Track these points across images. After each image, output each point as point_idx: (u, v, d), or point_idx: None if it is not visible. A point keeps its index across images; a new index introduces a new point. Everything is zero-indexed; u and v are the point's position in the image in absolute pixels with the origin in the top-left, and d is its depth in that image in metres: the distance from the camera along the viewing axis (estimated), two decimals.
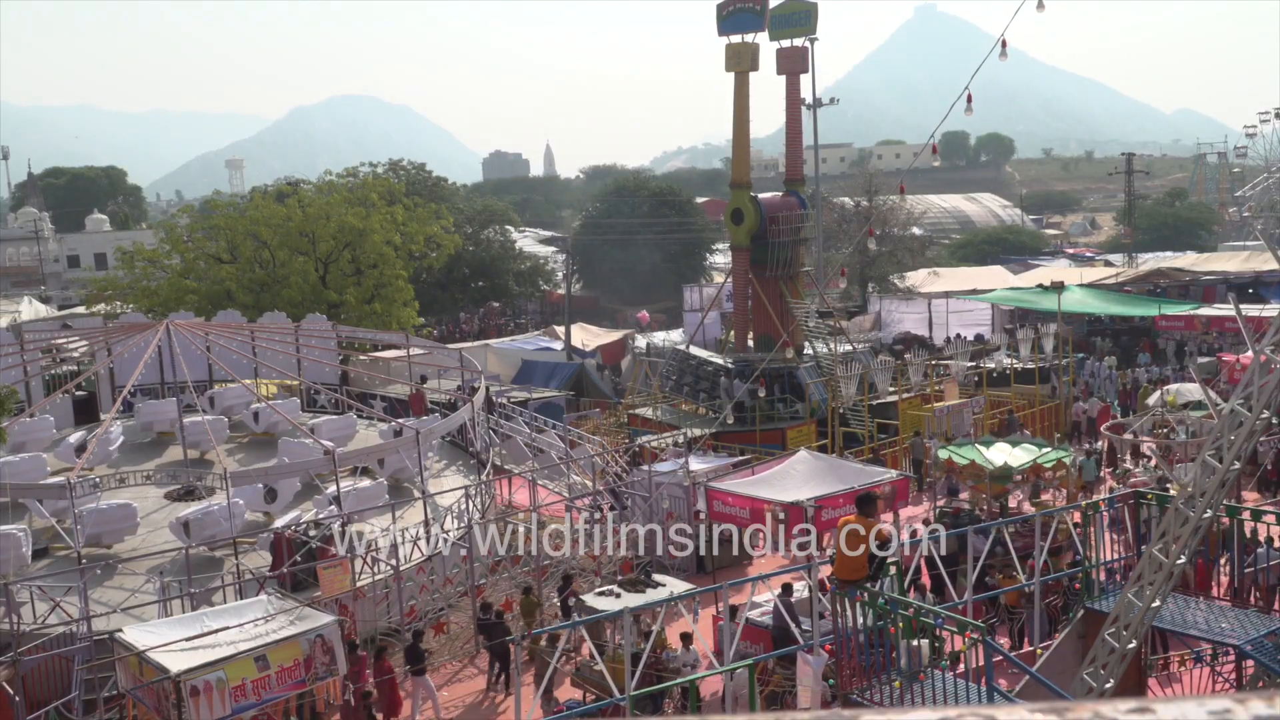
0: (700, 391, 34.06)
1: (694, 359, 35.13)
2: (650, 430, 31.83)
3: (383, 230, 42.45)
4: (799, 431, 31.14)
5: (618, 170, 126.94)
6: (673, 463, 25.38)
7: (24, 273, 73.76)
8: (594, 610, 16.24)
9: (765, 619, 17.16)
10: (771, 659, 16.13)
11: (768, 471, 23.58)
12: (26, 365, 29.48)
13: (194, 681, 13.85)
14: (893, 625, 12.36)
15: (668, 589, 16.88)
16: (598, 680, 15.83)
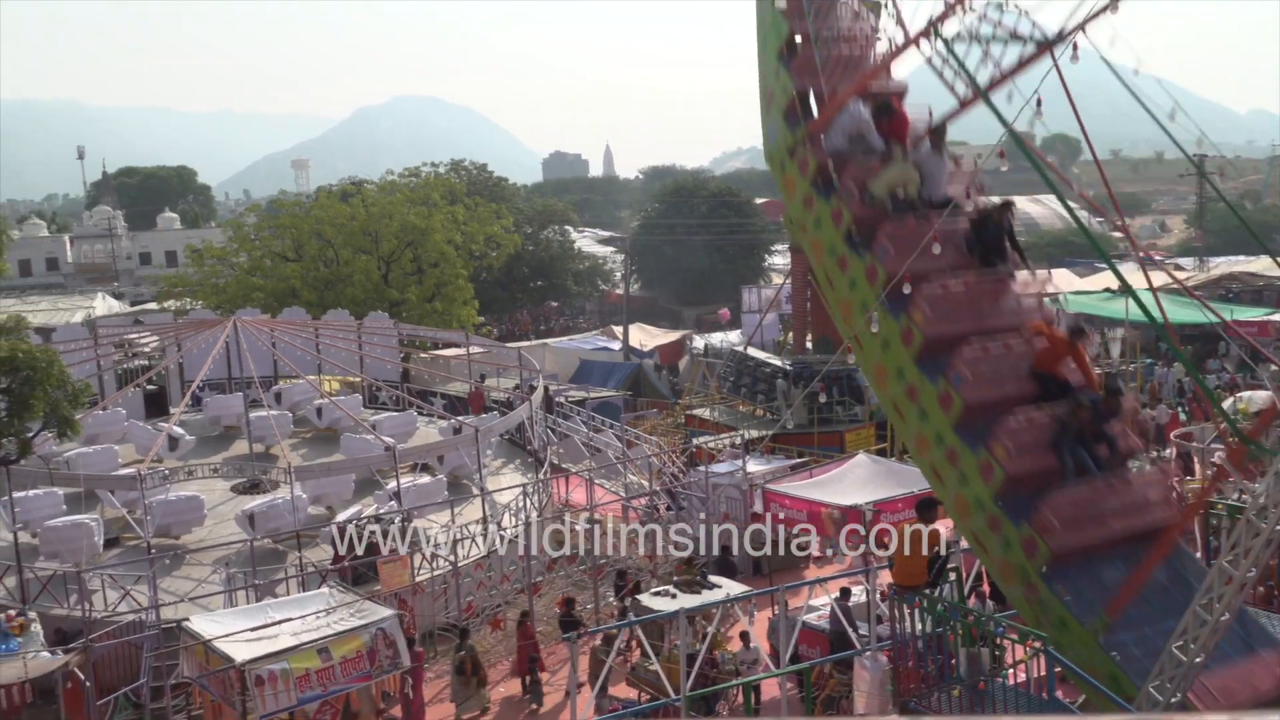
0: (758, 393, 33.95)
1: (752, 360, 35.01)
2: (707, 431, 31.80)
3: (444, 230, 42.91)
4: (858, 434, 30.90)
5: (677, 171, 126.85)
6: (730, 464, 25.33)
7: (98, 269, 75.69)
8: (649, 610, 16.27)
9: (822, 623, 17.07)
10: (828, 663, 16.05)
11: (826, 474, 23.46)
12: (100, 359, 30.26)
13: (259, 671, 14.14)
14: (952, 632, 12.23)
15: (724, 590, 16.86)
16: (653, 680, 15.87)
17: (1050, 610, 11.84)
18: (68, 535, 20.42)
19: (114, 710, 16.37)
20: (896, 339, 12.92)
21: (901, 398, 13.07)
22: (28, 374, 14.07)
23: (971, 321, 13.00)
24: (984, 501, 12.24)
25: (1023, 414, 12.46)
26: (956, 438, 12.38)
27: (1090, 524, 12.06)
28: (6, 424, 14.25)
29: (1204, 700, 10.90)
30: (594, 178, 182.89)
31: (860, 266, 13.26)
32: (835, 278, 13.85)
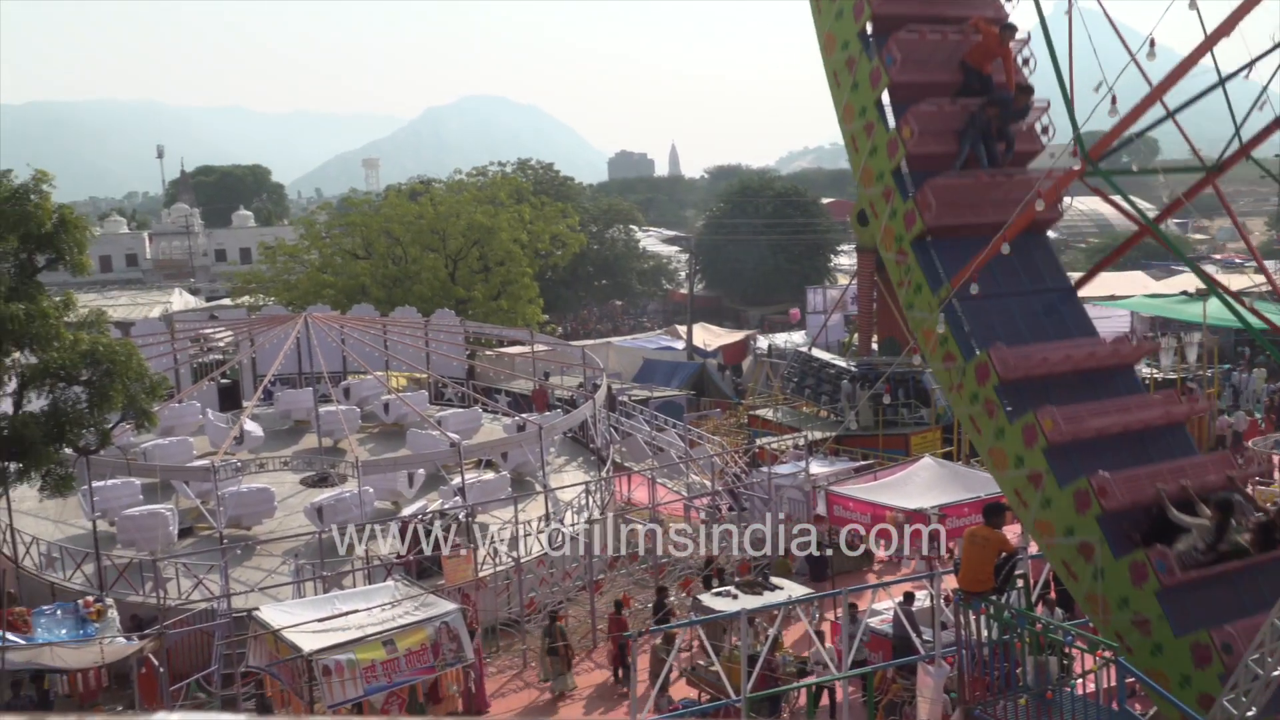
0: (822, 394, 33.70)
1: (816, 361, 34.76)
2: (770, 432, 31.66)
3: (510, 228, 43.27)
4: (923, 438, 30.52)
5: (742, 170, 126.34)
6: (793, 465, 25.19)
7: (175, 265, 77.59)
8: (711, 610, 16.25)
9: (885, 627, 16.90)
10: (891, 668, 15.88)
11: (890, 477, 23.22)
12: (176, 354, 31.05)
13: (326, 661, 14.39)
14: (1019, 639, 12.02)
15: (785, 592, 16.78)
16: (713, 681, 15.84)
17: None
18: (144, 524, 20.98)
19: (186, 696, 16.78)
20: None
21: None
22: (108, 367, 14.45)
23: None
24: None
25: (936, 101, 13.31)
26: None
27: (968, 210, 12.99)
28: (87, 415, 14.66)
29: None
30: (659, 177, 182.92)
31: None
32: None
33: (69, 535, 21.84)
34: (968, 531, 12.69)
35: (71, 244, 14.48)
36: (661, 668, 15.52)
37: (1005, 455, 12.74)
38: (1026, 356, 12.77)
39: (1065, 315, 13.80)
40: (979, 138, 13.55)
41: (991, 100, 13.60)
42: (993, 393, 12.73)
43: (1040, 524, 12.58)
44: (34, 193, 14.19)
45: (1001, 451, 12.78)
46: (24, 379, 14.66)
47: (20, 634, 16.66)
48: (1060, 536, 12.25)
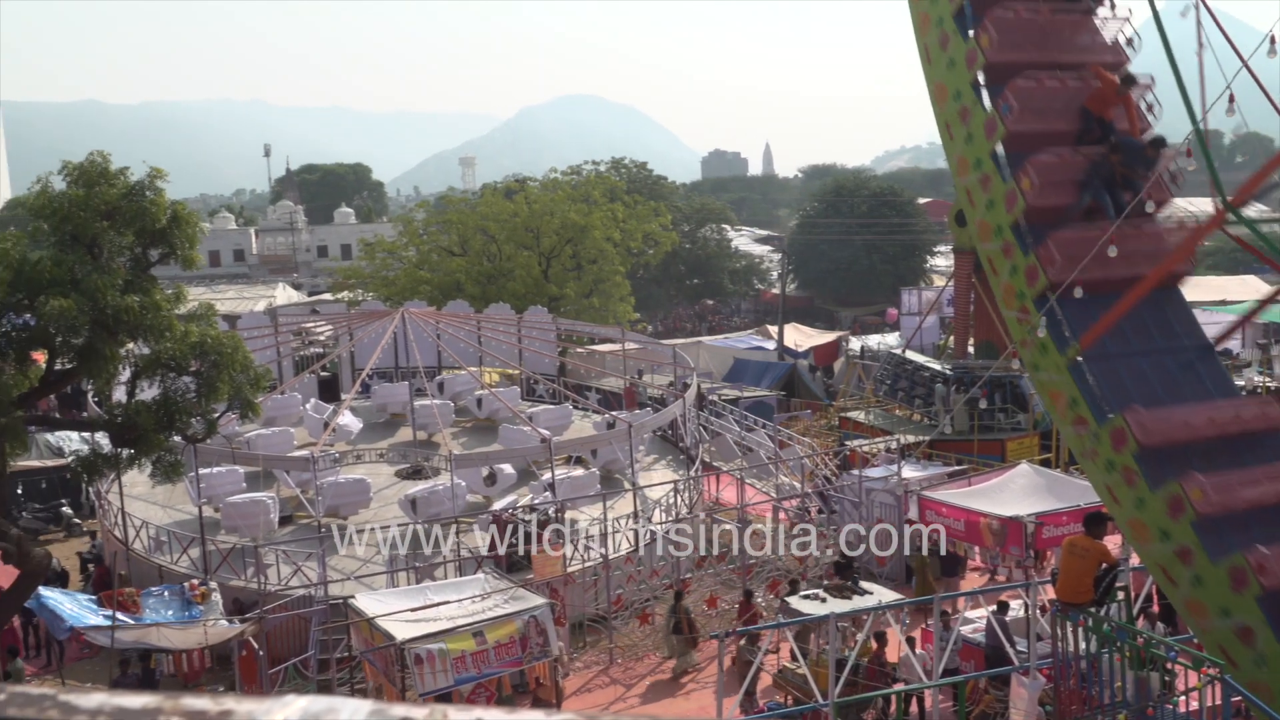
0: (915, 397, 33.14)
1: (910, 363, 34.20)
2: (862, 434, 31.25)
3: (603, 227, 43.52)
4: (1020, 444, 29.79)
5: (837, 169, 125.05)
6: (884, 469, 24.84)
7: (279, 261, 79.86)
8: (799, 613, 16.12)
9: (978, 636, 16.56)
10: (984, 678, 15.56)
11: (985, 483, 22.71)
12: (279, 346, 31.96)
13: (418, 650, 14.67)
14: (1119, 654, 11.67)
15: (875, 597, 16.56)
16: (800, 684, 15.72)
17: None
18: (247, 511, 21.66)
19: (284, 680, 17.26)
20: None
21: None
22: (215, 358, 14.94)
23: None
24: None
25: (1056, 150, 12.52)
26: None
27: (1094, 265, 12.04)
28: (195, 405, 15.17)
29: None
30: (753, 176, 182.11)
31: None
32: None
33: (176, 520, 22.67)
34: (1067, 541, 12.36)
35: (183, 239, 14.98)
36: (748, 669, 15.46)
37: (1148, 528, 11.68)
38: (1166, 420, 11.78)
39: (1203, 374, 12.65)
40: (1103, 187, 12.78)
41: (1115, 147, 12.84)
42: (1131, 460, 11.69)
43: (1191, 604, 11.59)
44: (149, 189, 14.72)
45: (1143, 524, 11.73)
46: (137, 369, 15.24)
47: (130, 614, 17.36)
48: (1216, 619, 11.27)
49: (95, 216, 14.31)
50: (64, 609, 17.16)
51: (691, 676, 18.88)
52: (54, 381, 15.20)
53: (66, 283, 13.50)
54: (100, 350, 13.97)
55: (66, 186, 14.60)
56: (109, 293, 13.58)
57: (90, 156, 14.90)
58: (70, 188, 14.52)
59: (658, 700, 18.24)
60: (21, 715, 0.61)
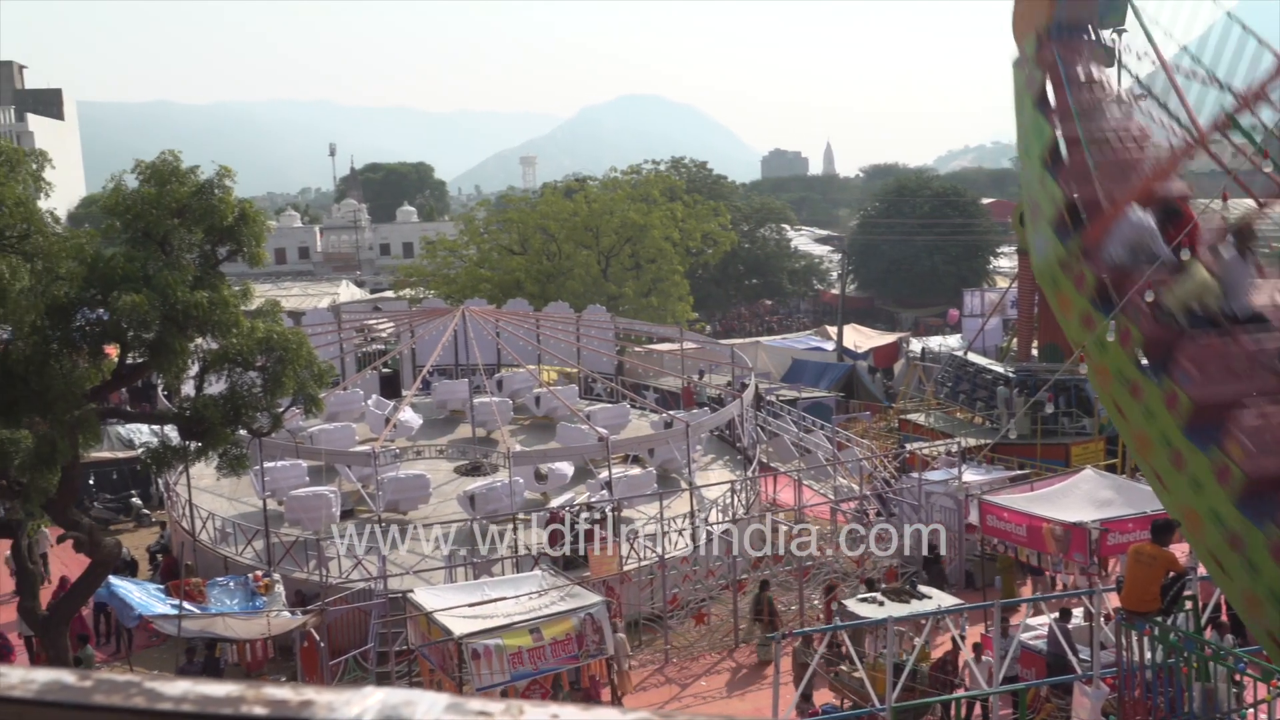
0: (977, 400, 32.69)
1: (972, 366, 33.74)
2: (922, 437, 30.91)
3: (662, 226, 43.54)
4: (1085, 448, 29.24)
5: (899, 169, 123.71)
6: (945, 472, 24.55)
7: (343, 258, 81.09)
8: (856, 616, 15.99)
9: (1039, 643, 16.29)
10: (1045, 686, 15.31)
11: (1048, 488, 22.33)
12: (342, 343, 32.45)
13: (475, 645, 14.81)
14: (1185, 664, 11.41)
15: (934, 602, 16.36)
16: (856, 688, 15.60)
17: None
18: (309, 505, 22.03)
19: (344, 671, 17.52)
20: (1209, 477, 10.80)
21: (1221, 546, 10.93)
22: (280, 354, 15.21)
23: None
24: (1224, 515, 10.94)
25: None
26: None
27: None
28: (260, 399, 15.45)
29: None
30: (813, 176, 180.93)
31: (1157, 393, 11.35)
32: (1127, 406, 11.89)
33: (241, 512, 23.12)
34: (1133, 549, 12.11)
35: (251, 237, 15.27)
36: (804, 671, 15.38)
37: (1198, 513, 10.88)
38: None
39: None
40: None
41: None
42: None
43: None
44: (218, 188, 15.03)
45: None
46: (205, 364, 15.57)
47: (196, 603, 17.75)
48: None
49: (166, 214, 14.65)
50: (133, 597, 17.60)
51: (745, 676, 18.83)
52: (126, 375, 15.59)
53: (138, 279, 13.83)
54: (170, 345, 14.30)
55: (139, 185, 14.96)
56: (179, 289, 13.90)
57: (162, 155, 15.25)
58: (143, 186, 14.88)
59: (713, 701, 18.22)
60: (108, 701, 0.63)
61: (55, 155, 16.83)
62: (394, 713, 0.62)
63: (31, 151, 14.95)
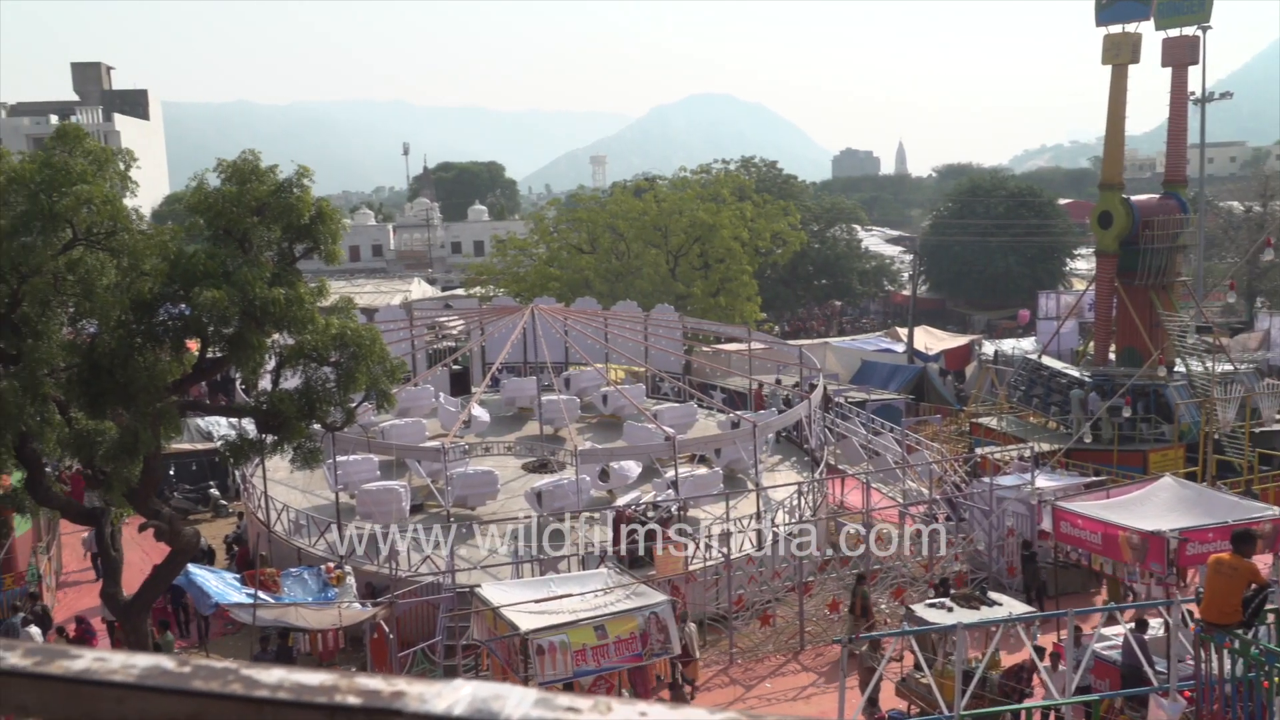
0: (1051, 404, 32.06)
1: (1046, 369, 33.10)
2: (993, 441, 30.40)
3: (731, 226, 43.41)
4: (1164, 455, 28.52)
5: (973, 169, 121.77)
6: (1017, 477, 24.11)
7: (415, 256, 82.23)
8: (924, 621, 15.79)
9: (1113, 654, 15.92)
10: (1119, 698, 14.96)
11: (1125, 496, 21.80)
12: (414, 339, 32.90)
13: (540, 641, 14.91)
14: (1267, 679, 11.08)
15: (1005, 609, 16.08)
16: (924, 694, 15.40)
17: None
18: (380, 498, 22.38)
19: (412, 664, 17.78)
20: None
21: None
22: (354, 350, 15.48)
23: None
24: None
25: None
26: None
27: None
28: (334, 394, 15.75)
29: None
30: (884, 175, 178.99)
31: None
32: None
33: (314, 505, 23.58)
34: (1214, 559, 11.78)
35: (327, 234, 15.57)
36: (870, 675, 15.23)
37: None
38: None
39: None
40: None
41: None
42: None
43: None
44: (296, 186, 15.35)
45: None
46: (281, 359, 15.90)
47: (270, 593, 18.14)
48: None
49: (246, 212, 15.00)
50: (210, 586, 18.05)
51: (810, 678, 18.69)
52: (205, 369, 15.99)
53: (219, 275, 14.19)
54: (248, 340, 14.64)
55: (220, 183, 15.34)
56: (257, 285, 14.22)
57: (242, 155, 15.61)
58: (224, 185, 15.25)
59: (777, 704, 18.13)
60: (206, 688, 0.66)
61: (141, 154, 17.32)
62: (484, 706, 0.64)
63: (119, 150, 15.40)
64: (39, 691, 0.76)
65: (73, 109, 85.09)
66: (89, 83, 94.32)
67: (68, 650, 0.79)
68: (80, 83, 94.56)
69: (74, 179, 13.57)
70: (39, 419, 14.05)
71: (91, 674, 0.74)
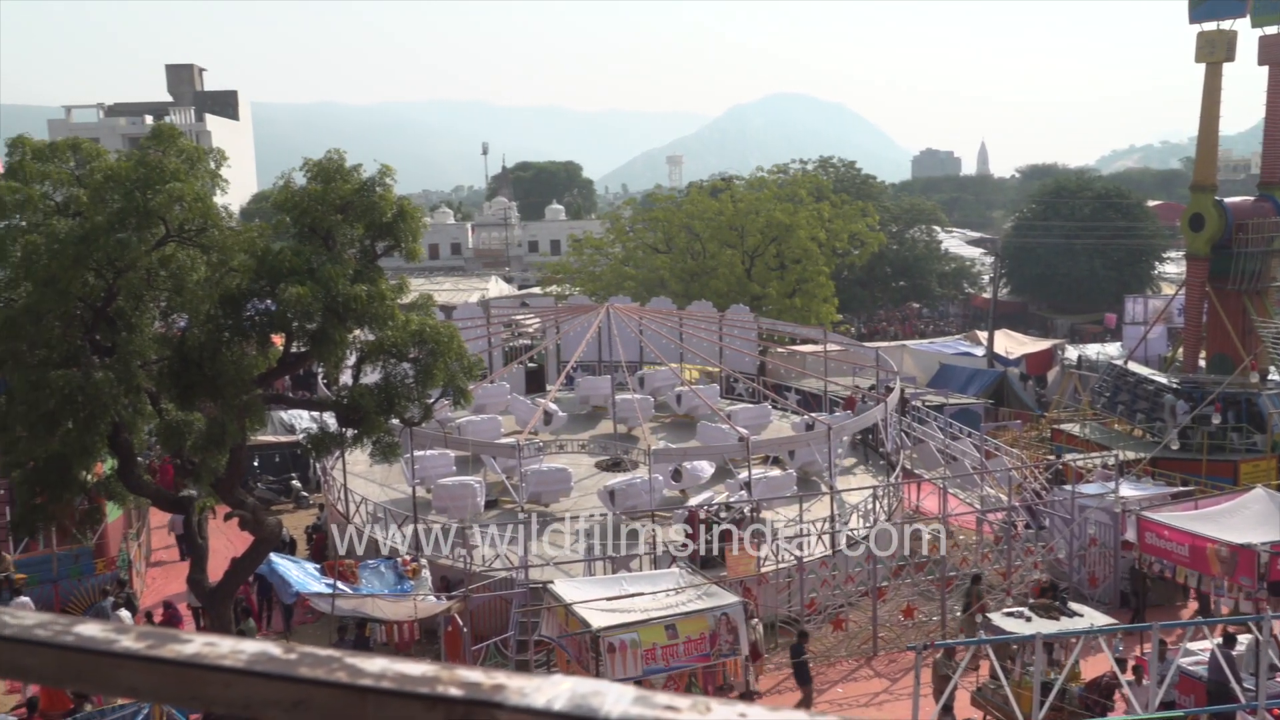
0: (1137, 412, 31.23)
1: (1132, 375, 32.24)
2: (1076, 448, 29.71)
3: (808, 226, 43.07)
4: (1255, 466, 27.58)
5: (1058, 169, 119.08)
6: (1100, 486, 23.54)
7: (493, 255, 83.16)
8: (1001, 631, 15.51)
9: (1199, 669, 15.48)
10: (1205, 714, 14.53)
11: (1214, 507, 21.17)
12: (490, 337, 33.28)
13: (611, 639, 14.99)
14: None
15: (1086, 620, 15.73)
16: (1000, 704, 15.13)
17: None
18: (456, 493, 22.69)
19: (485, 657, 17.99)
20: None
21: None
22: (432, 347, 15.73)
23: None
24: None
25: None
26: None
27: None
28: (413, 390, 16.02)
29: None
30: (966, 176, 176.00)
31: None
32: None
33: (391, 498, 23.99)
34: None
35: (408, 233, 15.85)
36: (944, 684, 15.00)
37: None
38: None
39: None
40: None
41: None
42: None
43: None
44: (378, 185, 15.66)
45: None
46: (362, 354, 16.23)
47: (348, 583, 18.51)
48: None
49: (330, 210, 15.33)
50: (291, 575, 18.48)
51: (885, 687, 18.48)
52: (290, 363, 16.37)
53: (304, 272, 14.52)
54: (331, 335, 14.96)
55: (306, 182, 15.70)
56: (340, 282, 14.52)
57: (327, 154, 15.96)
58: (310, 183, 15.61)
59: (849, 709, 17.96)
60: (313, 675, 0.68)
61: (230, 153, 17.80)
62: (583, 702, 0.65)
63: (210, 150, 15.86)
64: (150, 674, 0.79)
65: (166, 109, 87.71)
66: (182, 84, 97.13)
67: (178, 634, 0.83)
68: (174, 84, 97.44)
69: (167, 177, 14.00)
70: (132, 409, 14.54)
71: (201, 658, 0.77)
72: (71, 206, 14.77)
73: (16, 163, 14.78)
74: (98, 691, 0.77)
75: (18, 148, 14.95)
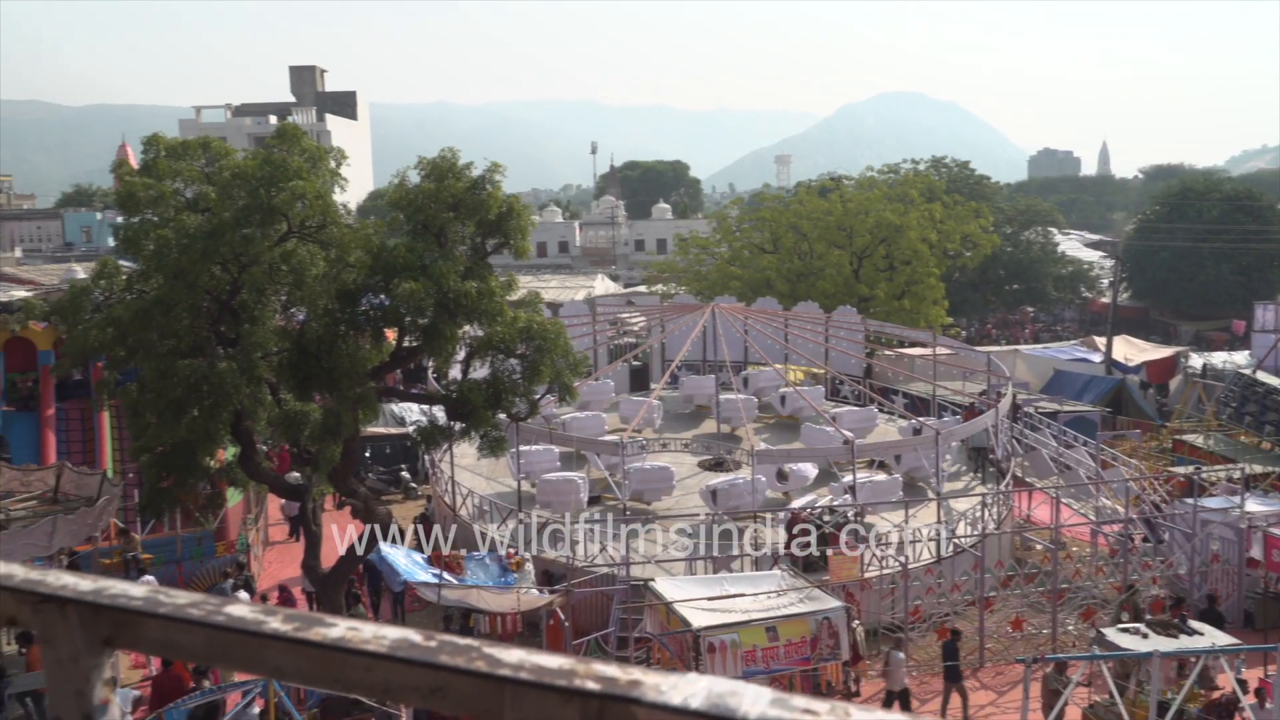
0: (1266, 424, 29.83)
1: (1262, 385, 30.80)
2: (1199, 460, 28.53)
3: (919, 227, 42.29)
4: None
5: (1184, 170, 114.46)
6: (1224, 500, 22.57)
7: (600, 253, 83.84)
8: (1116, 647, 15.00)
9: None
10: None
11: None
12: (596, 334, 33.54)
13: (712, 639, 14.98)
14: None
15: (1207, 639, 15.11)
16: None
17: None
18: (560, 489, 22.94)
19: (585, 652, 18.15)
20: None
21: None
22: (539, 343, 15.95)
23: None
24: None
25: None
26: None
27: None
28: (520, 385, 16.27)
29: None
30: (1085, 176, 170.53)
31: None
32: None
33: (497, 492, 24.38)
34: None
35: (517, 230, 16.09)
36: (1054, 698, 14.59)
37: None
38: None
39: None
40: None
41: None
42: None
43: None
44: (488, 183, 15.94)
45: None
46: (471, 349, 16.54)
47: (454, 574, 18.87)
48: None
49: (443, 208, 15.67)
50: (399, 564, 18.92)
51: (991, 699, 18.05)
52: (402, 357, 16.79)
53: (416, 268, 14.87)
54: (442, 330, 15.29)
55: (420, 180, 16.07)
56: (451, 278, 14.83)
57: (441, 153, 16.30)
58: (423, 181, 15.98)
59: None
60: (453, 662, 0.71)
61: (348, 152, 18.32)
62: (720, 701, 0.66)
63: (330, 149, 16.35)
64: (295, 655, 0.83)
65: (289, 109, 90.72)
66: (304, 85, 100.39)
67: (323, 619, 0.87)
68: (297, 85, 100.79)
69: (290, 175, 14.50)
70: (253, 399, 15.09)
71: (345, 642, 0.81)
72: (201, 202, 15.40)
73: (151, 160, 15.47)
74: (245, 670, 0.81)
75: (152, 146, 15.64)
